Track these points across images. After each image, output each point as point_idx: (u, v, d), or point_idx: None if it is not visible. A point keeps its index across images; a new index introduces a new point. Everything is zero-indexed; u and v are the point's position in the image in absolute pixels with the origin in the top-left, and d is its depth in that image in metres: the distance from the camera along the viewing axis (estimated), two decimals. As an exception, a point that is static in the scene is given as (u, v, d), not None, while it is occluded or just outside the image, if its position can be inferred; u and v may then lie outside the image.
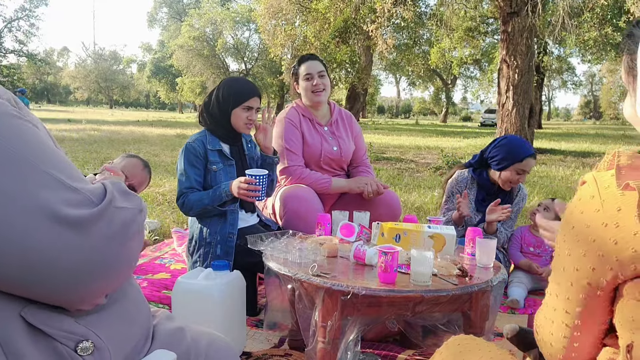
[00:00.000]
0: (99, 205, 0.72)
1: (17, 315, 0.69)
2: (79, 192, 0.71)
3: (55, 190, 0.68)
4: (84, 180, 0.75)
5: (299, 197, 2.49)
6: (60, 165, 0.72)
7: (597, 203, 0.75)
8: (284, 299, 1.88)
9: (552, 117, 71.16)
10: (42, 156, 0.70)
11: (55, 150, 0.74)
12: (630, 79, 0.84)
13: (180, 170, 2.31)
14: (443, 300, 1.56)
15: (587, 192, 0.77)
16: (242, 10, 34.61)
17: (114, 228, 0.73)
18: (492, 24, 19.79)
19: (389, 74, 50.23)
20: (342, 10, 14.11)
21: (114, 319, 0.81)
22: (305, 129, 2.73)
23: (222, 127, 2.36)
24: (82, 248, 0.69)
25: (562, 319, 0.83)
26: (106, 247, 0.72)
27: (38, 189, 0.67)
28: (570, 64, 33.05)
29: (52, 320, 0.72)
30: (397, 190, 6.01)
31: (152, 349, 0.89)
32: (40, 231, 0.65)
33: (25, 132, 0.70)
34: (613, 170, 0.75)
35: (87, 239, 0.69)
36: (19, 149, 0.67)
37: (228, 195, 2.22)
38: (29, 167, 0.67)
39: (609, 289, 0.76)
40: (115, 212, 0.74)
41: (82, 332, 0.75)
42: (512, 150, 2.56)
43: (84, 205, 0.70)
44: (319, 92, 2.70)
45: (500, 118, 11.60)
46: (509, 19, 10.99)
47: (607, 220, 0.73)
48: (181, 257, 3.24)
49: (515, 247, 2.88)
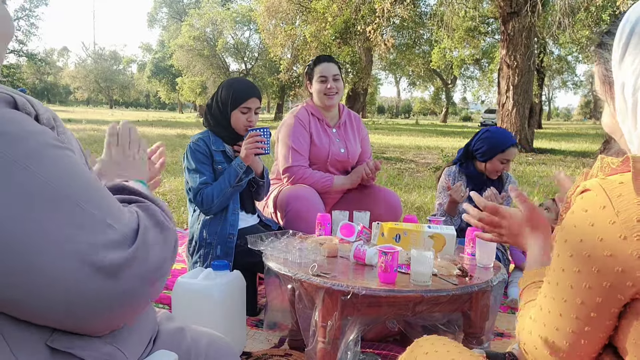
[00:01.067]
0: (132, 246, 0.70)
1: (43, 344, 0.69)
2: (116, 231, 0.69)
3: (94, 233, 0.67)
4: (119, 212, 0.72)
5: (300, 197, 2.49)
6: (99, 201, 0.70)
7: (611, 214, 0.68)
8: (284, 299, 1.88)
9: (552, 117, 71.14)
10: (84, 194, 0.68)
11: (93, 182, 0.72)
12: (607, 87, 0.80)
13: (191, 168, 2.29)
14: (443, 300, 1.56)
15: (596, 203, 0.71)
16: (242, 10, 34.65)
17: (147, 267, 0.72)
18: (492, 23, 19.81)
19: (389, 74, 50.24)
20: (342, 11, 14.12)
21: (133, 333, 0.82)
22: (314, 129, 2.74)
23: (224, 128, 2.36)
24: (114, 291, 0.68)
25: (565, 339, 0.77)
26: (138, 288, 0.71)
27: (78, 231, 0.65)
28: (570, 63, 33.03)
29: (81, 342, 0.72)
30: (397, 190, 6.01)
31: (153, 349, 0.89)
32: (75, 276, 0.64)
33: (68, 165, 0.68)
34: (618, 177, 0.70)
35: (119, 284, 0.68)
36: (63, 188, 0.65)
37: (242, 167, 2.24)
38: (72, 207, 0.66)
39: (623, 305, 0.71)
40: (149, 251, 0.72)
41: (109, 351, 0.75)
42: (494, 142, 2.69)
43: (119, 246, 0.69)
44: (332, 95, 2.71)
45: (500, 118, 11.61)
46: (509, 19, 11.00)
47: (626, 232, 0.67)
48: (181, 257, 3.24)
49: (513, 248, 2.88)
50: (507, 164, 2.71)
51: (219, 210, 2.27)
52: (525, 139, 11.63)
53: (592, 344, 0.76)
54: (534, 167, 8.93)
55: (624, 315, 0.72)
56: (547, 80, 31.64)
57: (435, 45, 21.15)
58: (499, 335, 2.26)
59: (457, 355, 1.00)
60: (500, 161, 2.68)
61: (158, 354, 0.87)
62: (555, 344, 0.79)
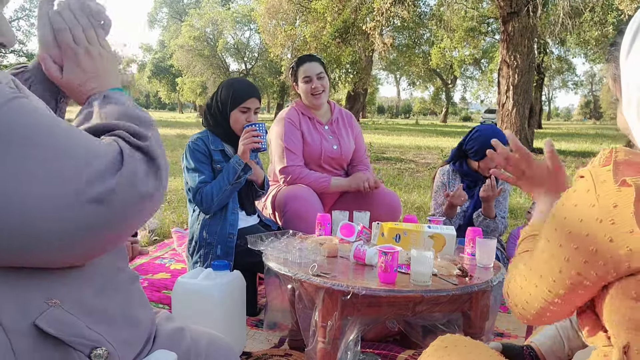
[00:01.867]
0: (117, 173, 0.71)
1: (31, 324, 0.69)
2: (98, 162, 0.70)
3: (77, 168, 0.68)
4: (95, 145, 0.72)
5: (298, 197, 2.49)
6: (74, 138, 0.71)
7: (593, 198, 0.74)
8: (284, 299, 1.88)
9: (552, 117, 71.16)
10: (57, 134, 0.69)
11: (63, 123, 0.72)
12: (618, 86, 0.83)
13: (190, 168, 2.30)
14: (443, 300, 1.56)
15: (583, 186, 0.77)
16: (243, 10, 34.66)
17: (135, 191, 0.72)
18: (492, 24, 19.81)
19: (389, 74, 50.25)
20: (342, 11, 14.12)
21: (123, 325, 0.81)
22: (305, 128, 2.74)
23: (223, 128, 2.36)
24: (104, 217, 0.69)
25: (543, 295, 0.84)
26: (127, 212, 0.72)
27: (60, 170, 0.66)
28: (570, 64, 33.03)
29: (66, 327, 0.72)
30: (397, 190, 6.01)
31: (152, 349, 0.89)
32: (65, 213, 0.66)
33: (31, 110, 0.68)
34: (610, 166, 0.74)
35: (109, 210, 0.69)
36: (35, 132, 0.66)
37: (240, 164, 2.23)
38: (48, 147, 0.66)
39: (599, 283, 0.76)
40: (136, 175, 0.73)
41: (95, 338, 0.75)
42: (485, 141, 2.69)
43: (104, 176, 0.69)
44: (318, 94, 2.71)
45: (500, 118, 11.61)
46: (509, 19, 11.00)
47: (602, 216, 0.72)
48: (181, 257, 3.24)
49: (513, 248, 2.89)
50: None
51: (218, 209, 2.27)
52: (525, 139, 11.63)
53: (563, 308, 0.85)
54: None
55: (601, 297, 0.78)
56: (547, 80, 31.64)
57: (435, 44, 21.15)
58: (499, 335, 2.26)
59: (474, 349, 1.04)
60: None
61: (157, 354, 0.87)
62: (531, 296, 0.87)
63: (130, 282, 0.87)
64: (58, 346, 0.71)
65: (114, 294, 0.81)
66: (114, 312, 0.80)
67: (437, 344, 1.10)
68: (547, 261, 0.83)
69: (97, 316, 0.77)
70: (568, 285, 0.80)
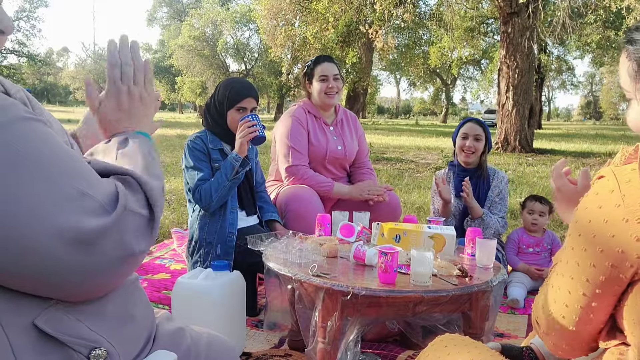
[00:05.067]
0: (111, 214, 0.69)
1: (30, 324, 0.69)
2: (93, 199, 0.68)
3: (70, 201, 0.66)
4: (96, 181, 0.72)
5: (300, 198, 2.49)
6: (74, 170, 0.69)
7: (617, 198, 0.72)
8: (284, 300, 1.88)
9: (552, 118, 71.11)
10: (58, 163, 0.68)
11: (68, 152, 0.71)
12: (636, 84, 0.81)
13: (190, 166, 2.30)
14: (443, 300, 1.56)
15: (606, 187, 0.74)
16: (242, 10, 34.59)
17: (126, 236, 0.71)
18: (491, 24, 19.80)
19: (389, 75, 50.24)
20: (344, 13, 14.11)
21: (123, 325, 0.81)
22: (312, 128, 2.74)
23: (221, 128, 2.37)
24: (90, 259, 0.68)
25: (574, 314, 0.80)
26: (115, 257, 0.70)
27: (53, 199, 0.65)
28: (570, 64, 33.02)
29: (65, 328, 0.72)
30: (397, 190, 6.01)
31: (152, 349, 0.89)
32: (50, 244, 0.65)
33: (40, 135, 0.67)
34: (633, 165, 0.73)
35: (95, 251, 0.68)
36: (35, 157, 0.65)
37: (237, 159, 2.23)
38: (44, 175, 0.65)
39: (626, 284, 0.75)
40: (129, 220, 0.71)
41: (94, 339, 0.75)
42: (461, 124, 2.86)
43: (97, 213, 0.68)
44: (333, 94, 2.73)
45: (500, 118, 11.61)
46: (509, 19, 11.00)
47: (629, 216, 0.70)
48: (181, 258, 3.24)
49: (512, 251, 2.90)
50: (468, 139, 2.75)
51: (217, 208, 2.28)
52: (525, 140, 11.63)
53: (599, 318, 0.80)
54: (534, 168, 8.92)
55: (625, 295, 0.76)
56: (547, 80, 31.63)
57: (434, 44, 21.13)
58: (498, 336, 2.26)
59: (474, 349, 1.02)
60: (462, 136, 2.78)
61: (157, 354, 0.87)
62: (565, 319, 0.82)
63: (129, 282, 0.87)
64: (57, 346, 0.71)
65: (114, 294, 0.81)
66: (114, 312, 0.80)
67: (436, 343, 1.10)
68: (572, 272, 0.80)
69: (97, 316, 0.77)
70: (598, 296, 0.77)
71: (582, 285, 0.78)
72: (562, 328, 0.83)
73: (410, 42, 22.92)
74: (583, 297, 0.79)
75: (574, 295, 0.80)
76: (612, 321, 0.81)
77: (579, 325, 0.81)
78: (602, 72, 47.04)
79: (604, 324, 0.82)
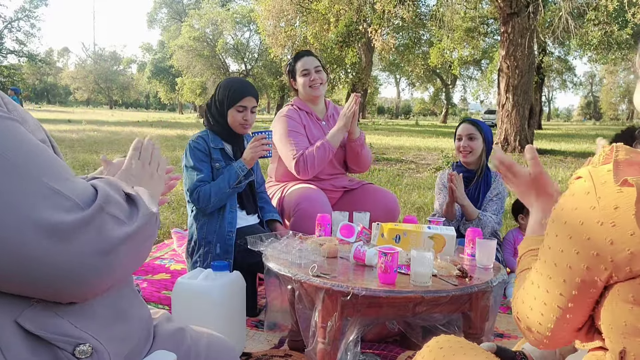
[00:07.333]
0: (86, 210, 0.70)
1: (13, 322, 0.69)
2: (65, 196, 0.69)
3: (42, 197, 0.67)
4: (71, 180, 0.73)
5: (310, 198, 2.50)
6: (48, 167, 0.70)
7: (593, 200, 0.71)
8: (284, 300, 1.88)
9: (552, 118, 71.15)
10: (31, 160, 0.68)
11: (42, 150, 0.72)
12: None
13: (189, 166, 2.31)
14: (443, 300, 1.56)
15: (582, 188, 0.74)
16: (243, 10, 34.61)
17: (103, 236, 0.71)
18: (491, 24, 19.80)
19: (389, 75, 50.27)
20: (345, 13, 14.12)
21: (111, 321, 0.81)
22: (306, 122, 2.76)
23: (222, 127, 2.37)
24: (63, 255, 0.67)
25: (556, 301, 0.81)
26: (90, 256, 0.70)
27: (24, 195, 0.66)
28: (570, 64, 33.01)
29: (49, 325, 0.72)
30: (397, 190, 6.01)
31: (152, 349, 0.89)
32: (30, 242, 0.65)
33: (12, 132, 0.68)
34: (609, 165, 0.72)
35: (69, 247, 0.67)
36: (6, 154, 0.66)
37: (243, 170, 2.27)
38: (16, 171, 0.66)
39: (602, 287, 0.74)
40: (107, 221, 0.72)
41: (79, 335, 0.74)
42: (460, 124, 2.91)
43: (69, 210, 0.68)
44: (317, 86, 2.74)
45: (500, 119, 11.61)
46: (509, 20, 11.00)
47: (603, 219, 0.70)
48: (181, 258, 3.24)
49: (509, 252, 2.90)
50: (463, 140, 2.79)
51: (215, 209, 2.28)
52: (525, 140, 11.63)
53: (577, 319, 0.80)
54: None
55: (602, 299, 0.76)
56: (547, 80, 31.63)
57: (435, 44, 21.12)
58: (498, 336, 2.26)
59: (469, 350, 1.03)
60: (457, 138, 2.82)
61: (157, 354, 0.87)
62: (543, 316, 0.83)
63: None
64: (44, 344, 0.72)
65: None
66: (102, 309, 0.80)
67: (432, 344, 1.10)
68: (550, 272, 0.80)
69: (81, 314, 0.76)
70: (575, 297, 0.77)
71: (558, 285, 0.79)
72: (541, 325, 0.84)
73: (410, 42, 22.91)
74: (560, 297, 0.79)
75: (551, 295, 0.81)
76: (591, 321, 0.81)
77: (557, 324, 0.82)
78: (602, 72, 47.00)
79: (583, 324, 0.82)
